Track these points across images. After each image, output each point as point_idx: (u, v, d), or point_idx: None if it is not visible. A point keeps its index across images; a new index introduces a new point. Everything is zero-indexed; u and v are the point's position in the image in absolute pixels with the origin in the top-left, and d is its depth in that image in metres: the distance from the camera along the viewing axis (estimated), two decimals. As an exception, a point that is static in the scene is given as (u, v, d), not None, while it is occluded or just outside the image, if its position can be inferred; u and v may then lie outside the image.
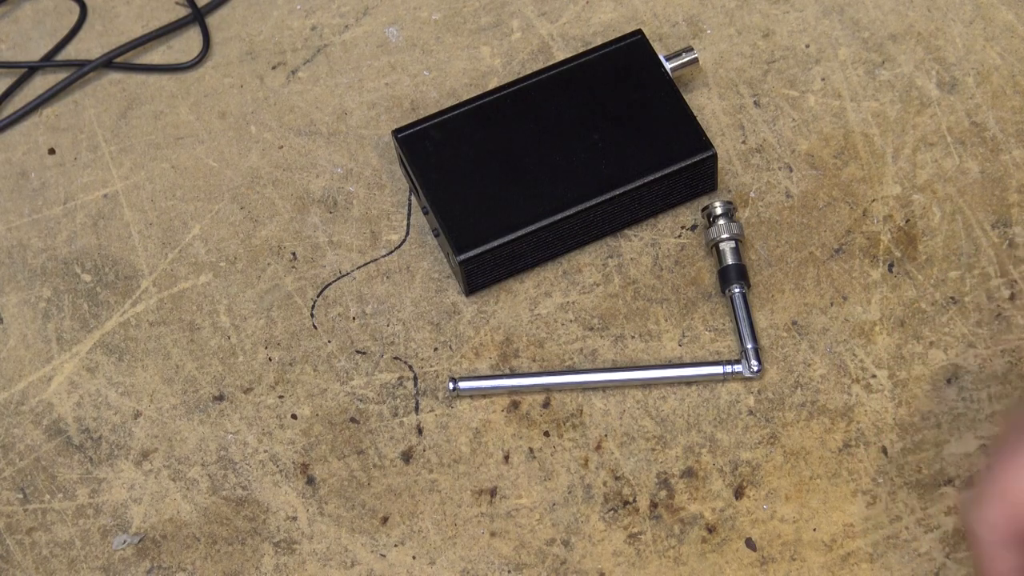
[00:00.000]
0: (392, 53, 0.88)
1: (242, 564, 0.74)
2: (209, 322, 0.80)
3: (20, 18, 0.91)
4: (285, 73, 0.87)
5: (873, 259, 0.79)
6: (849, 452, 0.74)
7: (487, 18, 0.88)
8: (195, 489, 0.76)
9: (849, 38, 0.85)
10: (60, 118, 0.87)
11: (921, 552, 0.71)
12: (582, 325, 0.78)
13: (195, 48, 0.89)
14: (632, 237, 0.81)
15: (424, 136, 0.81)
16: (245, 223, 0.83)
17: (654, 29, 0.86)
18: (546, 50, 0.87)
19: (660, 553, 0.72)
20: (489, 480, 0.75)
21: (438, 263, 0.81)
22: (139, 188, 0.84)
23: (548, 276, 0.80)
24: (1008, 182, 0.80)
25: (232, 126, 0.86)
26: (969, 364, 0.75)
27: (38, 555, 0.75)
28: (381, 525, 0.74)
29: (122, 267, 0.82)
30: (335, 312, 0.80)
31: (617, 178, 0.79)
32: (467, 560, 0.73)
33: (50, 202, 0.85)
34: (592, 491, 0.74)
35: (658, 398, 0.76)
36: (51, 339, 0.80)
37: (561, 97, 0.81)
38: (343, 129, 0.85)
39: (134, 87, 0.88)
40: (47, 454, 0.77)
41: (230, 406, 0.78)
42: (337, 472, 0.76)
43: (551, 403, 0.76)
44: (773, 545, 0.72)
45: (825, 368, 0.76)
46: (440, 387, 0.77)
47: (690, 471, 0.74)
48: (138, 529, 0.75)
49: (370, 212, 0.83)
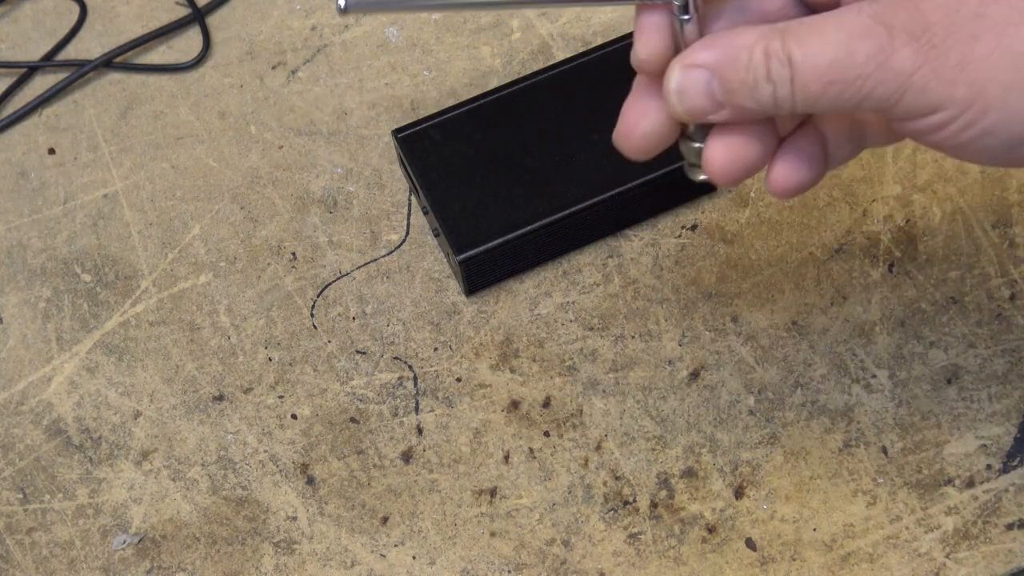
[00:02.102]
0: (392, 53, 0.88)
1: (242, 564, 0.74)
2: (209, 322, 0.80)
3: (20, 18, 0.91)
4: (285, 73, 0.87)
5: (873, 259, 0.79)
6: (849, 452, 0.74)
7: (487, 18, 0.88)
8: (195, 489, 0.76)
9: (849, 38, 0.85)
10: (60, 118, 0.87)
11: (921, 552, 0.71)
12: (582, 325, 0.78)
13: (195, 48, 0.89)
14: (632, 237, 0.81)
15: (424, 136, 0.81)
16: (245, 223, 0.83)
17: (654, 29, 0.86)
18: (546, 50, 0.87)
19: (660, 553, 0.72)
20: (489, 480, 0.75)
21: (438, 263, 0.81)
22: (139, 188, 0.84)
23: (548, 276, 0.80)
24: (1008, 182, 0.80)
25: (232, 126, 0.86)
26: (969, 364, 0.75)
27: (38, 555, 0.75)
28: (381, 525, 0.74)
29: (122, 267, 0.82)
30: (335, 312, 0.80)
31: (617, 178, 0.79)
32: (467, 560, 0.73)
33: (50, 202, 0.85)
34: (592, 491, 0.74)
35: (658, 398, 0.76)
36: (51, 339, 0.80)
37: (561, 97, 0.81)
38: (343, 129, 0.85)
39: (134, 87, 0.88)
40: (47, 454, 0.77)
41: (230, 406, 0.78)
42: (337, 472, 0.76)
43: (551, 403, 0.76)
44: (773, 545, 0.72)
45: (825, 368, 0.76)
46: (440, 387, 0.77)
47: (690, 471, 0.74)
48: (138, 529, 0.75)
49: (370, 212, 0.83)
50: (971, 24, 0.51)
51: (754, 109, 0.54)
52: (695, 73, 0.54)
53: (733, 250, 0.80)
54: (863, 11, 0.52)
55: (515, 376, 0.77)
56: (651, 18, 0.56)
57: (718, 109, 0.55)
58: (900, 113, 0.53)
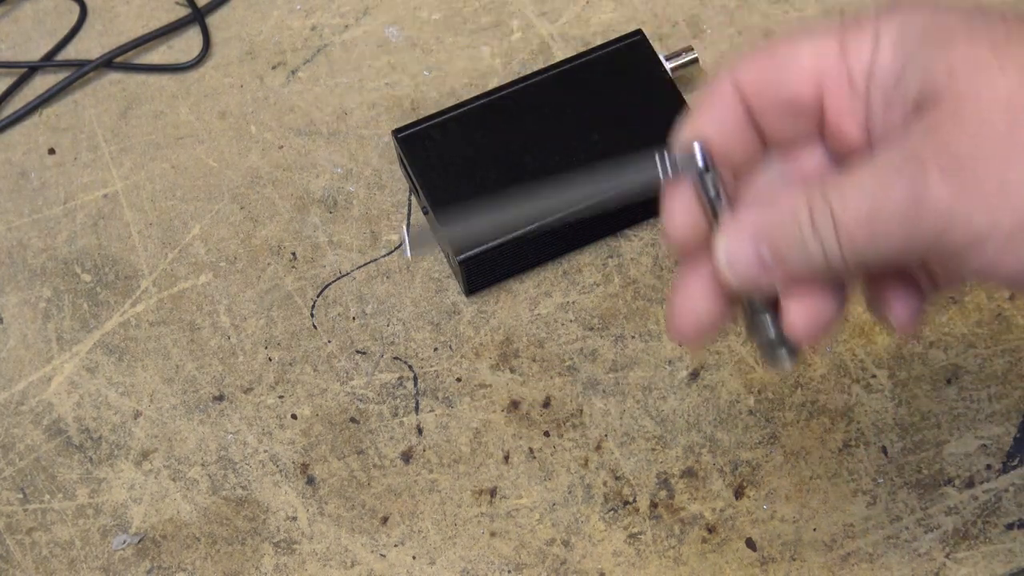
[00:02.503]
0: (392, 53, 0.88)
1: (242, 564, 0.74)
2: (209, 322, 0.80)
3: (20, 18, 0.91)
4: (285, 73, 0.87)
5: (873, 259, 0.78)
6: (849, 452, 0.74)
7: (487, 18, 0.88)
8: (195, 489, 0.76)
9: (849, 38, 0.85)
10: (60, 118, 0.87)
11: (921, 552, 0.71)
12: (582, 325, 0.78)
13: (195, 48, 0.89)
14: (632, 237, 0.81)
15: (424, 136, 0.81)
16: (245, 223, 0.83)
17: (654, 29, 0.86)
18: (546, 50, 0.87)
19: (660, 553, 0.72)
20: (489, 480, 0.75)
21: (438, 263, 0.81)
22: (139, 188, 0.84)
23: (548, 276, 0.80)
24: (1008, 182, 0.80)
25: (232, 126, 0.86)
26: (969, 364, 0.75)
27: (38, 555, 0.75)
28: (381, 525, 0.74)
29: (122, 267, 0.82)
30: (335, 312, 0.80)
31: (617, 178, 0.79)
32: (467, 560, 0.73)
33: (50, 202, 0.85)
34: (592, 491, 0.74)
35: (658, 398, 0.76)
36: (51, 339, 0.80)
37: (561, 97, 0.81)
38: (343, 129, 0.85)
39: (134, 87, 0.88)
40: (47, 454, 0.77)
41: (230, 406, 0.78)
42: (337, 472, 0.76)
43: (551, 403, 0.76)
44: (773, 545, 0.72)
45: (825, 368, 0.76)
46: (440, 387, 0.77)
47: (690, 471, 0.74)
48: (138, 529, 0.75)
49: (370, 212, 0.83)
50: (1003, 147, 0.49)
51: (808, 269, 0.52)
52: (742, 241, 0.53)
53: (733, 250, 0.80)
54: (893, 152, 0.50)
55: (515, 376, 0.77)
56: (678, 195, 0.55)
57: (772, 274, 0.53)
58: (949, 249, 0.50)
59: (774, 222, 0.52)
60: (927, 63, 0.50)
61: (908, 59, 0.51)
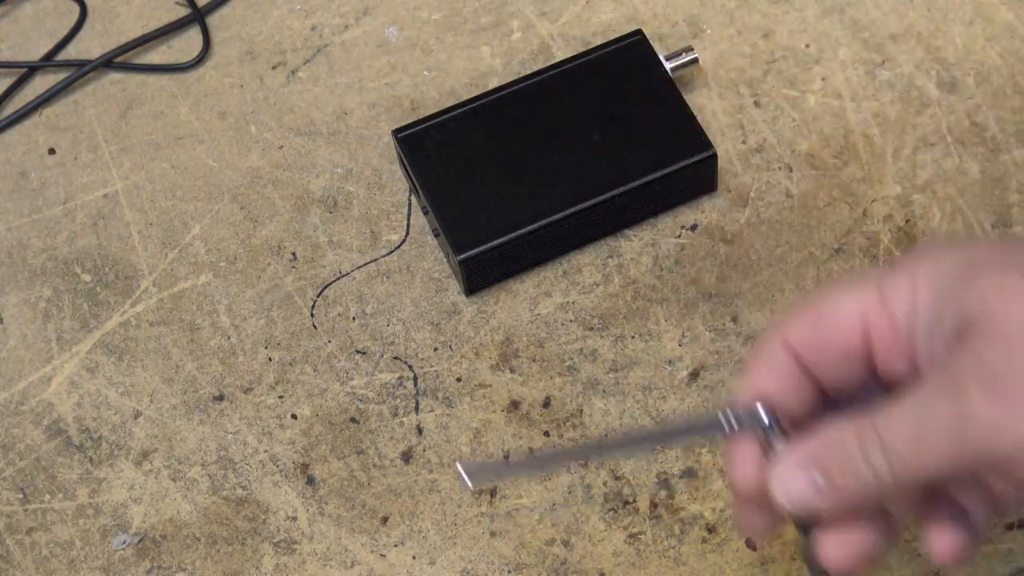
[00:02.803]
0: (392, 53, 0.88)
1: (242, 564, 0.74)
2: (209, 322, 0.80)
3: (20, 18, 0.91)
4: (285, 73, 0.87)
5: (873, 259, 0.79)
6: (849, 452, 0.74)
7: (487, 18, 0.88)
8: (195, 489, 0.76)
9: (849, 38, 0.85)
10: (60, 118, 0.87)
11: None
12: (582, 325, 0.78)
13: (195, 48, 0.89)
14: (632, 237, 0.81)
15: (424, 136, 0.81)
16: (245, 223, 0.83)
17: (654, 29, 0.86)
18: (546, 50, 0.87)
19: (660, 553, 0.72)
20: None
21: (438, 263, 0.81)
22: (139, 188, 0.84)
23: (548, 276, 0.80)
24: (1008, 182, 0.80)
25: (232, 126, 0.86)
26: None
27: (38, 555, 0.75)
28: (381, 525, 0.74)
29: (122, 267, 0.82)
30: (335, 312, 0.80)
31: (617, 178, 0.79)
32: (467, 560, 0.73)
33: (50, 202, 0.85)
34: (592, 491, 0.74)
35: (658, 398, 0.76)
36: (51, 339, 0.80)
37: (561, 97, 0.81)
38: (343, 129, 0.85)
39: (134, 87, 0.88)
40: (47, 454, 0.77)
41: (230, 406, 0.78)
42: (337, 472, 0.76)
43: (551, 403, 0.76)
44: (773, 545, 0.72)
45: (825, 368, 0.76)
46: (440, 387, 0.77)
47: (690, 471, 0.74)
48: (138, 529, 0.75)
49: (370, 212, 0.83)
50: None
51: (860, 490, 0.54)
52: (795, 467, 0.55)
53: (733, 250, 0.80)
54: (935, 376, 0.53)
55: (515, 376, 0.77)
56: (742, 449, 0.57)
57: (823, 500, 0.54)
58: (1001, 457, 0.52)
59: (827, 449, 0.54)
60: (961, 294, 0.52)
61: (944, 296, 0.53)
